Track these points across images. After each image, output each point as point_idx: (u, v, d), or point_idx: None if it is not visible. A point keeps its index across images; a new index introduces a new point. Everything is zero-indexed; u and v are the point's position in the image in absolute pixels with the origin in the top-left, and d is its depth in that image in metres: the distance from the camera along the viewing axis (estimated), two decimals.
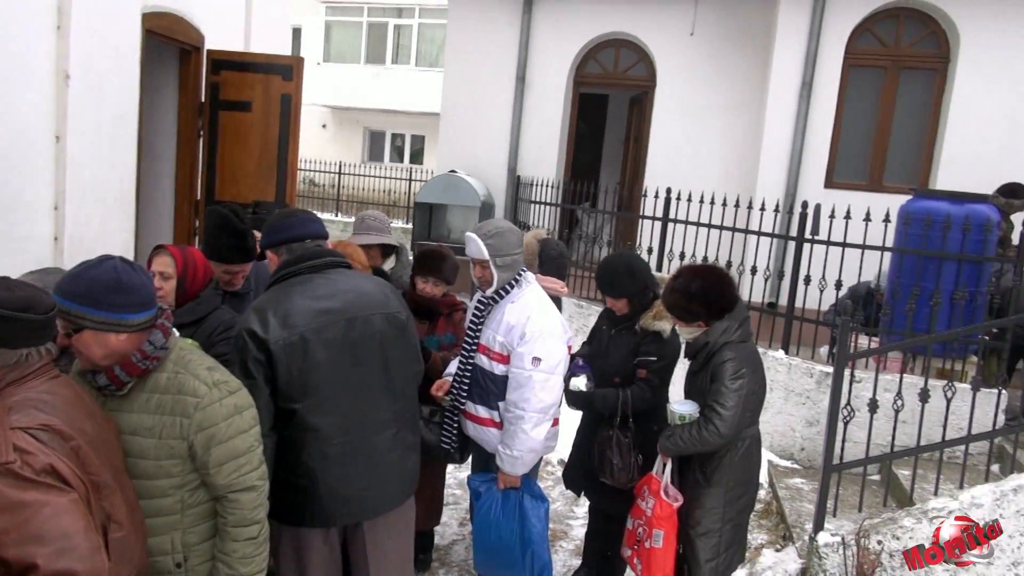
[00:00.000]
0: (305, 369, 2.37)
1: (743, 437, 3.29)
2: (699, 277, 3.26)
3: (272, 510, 2.34)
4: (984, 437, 4.23)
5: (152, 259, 2.85)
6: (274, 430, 2.38)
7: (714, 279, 3.28)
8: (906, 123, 7.88)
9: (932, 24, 7.67)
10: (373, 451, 2.53)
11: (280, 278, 2.52)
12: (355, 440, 2.48)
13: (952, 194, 5.41)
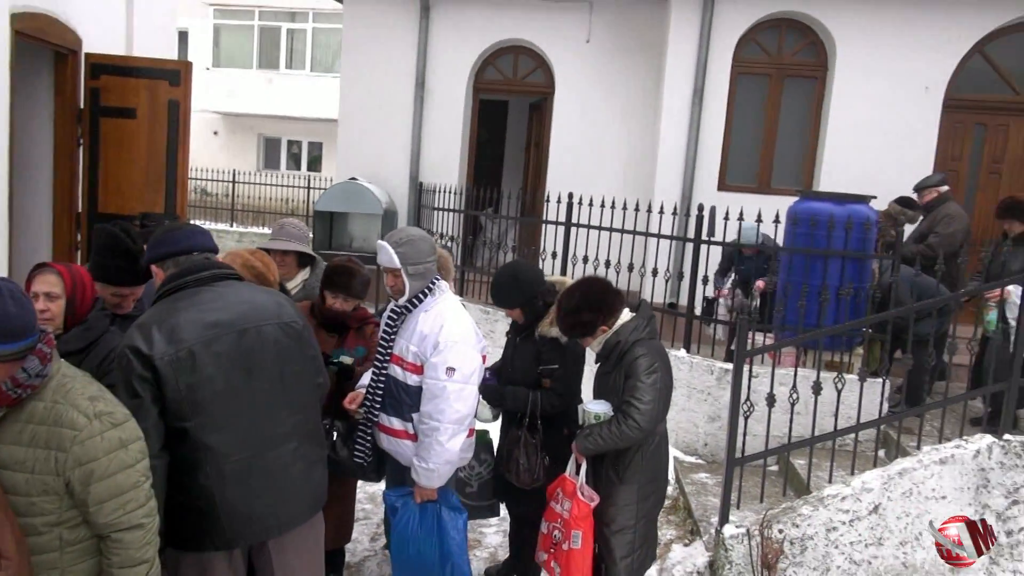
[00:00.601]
0: (195, 385, 2.27)
1: (655, 434, 3.39)
2: (575, 291, 3.38)
3: (170, 537, 2.21)
4: (872, 425, 4.49)
5: (34, 278, 2.66)
6: (165, 451, 2.26)
7: (588, 284, 3.42)
8: (790, 128, 8.29)
9: (811, 35, 8.11)
10: (273, 467, 2.44)
11: (165, 292, 2.41)
12: (253, 456, 2.39)
13: (834, 195, 5.73)
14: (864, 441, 4.86)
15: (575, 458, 3.44)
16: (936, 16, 7.67)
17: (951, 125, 7.95)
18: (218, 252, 2.64)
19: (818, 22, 7.95)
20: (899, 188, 7.25)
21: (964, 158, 8.11)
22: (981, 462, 4.15)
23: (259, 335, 2.43)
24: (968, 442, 4.21)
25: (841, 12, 7.84)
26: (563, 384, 3.63)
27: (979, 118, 8.04)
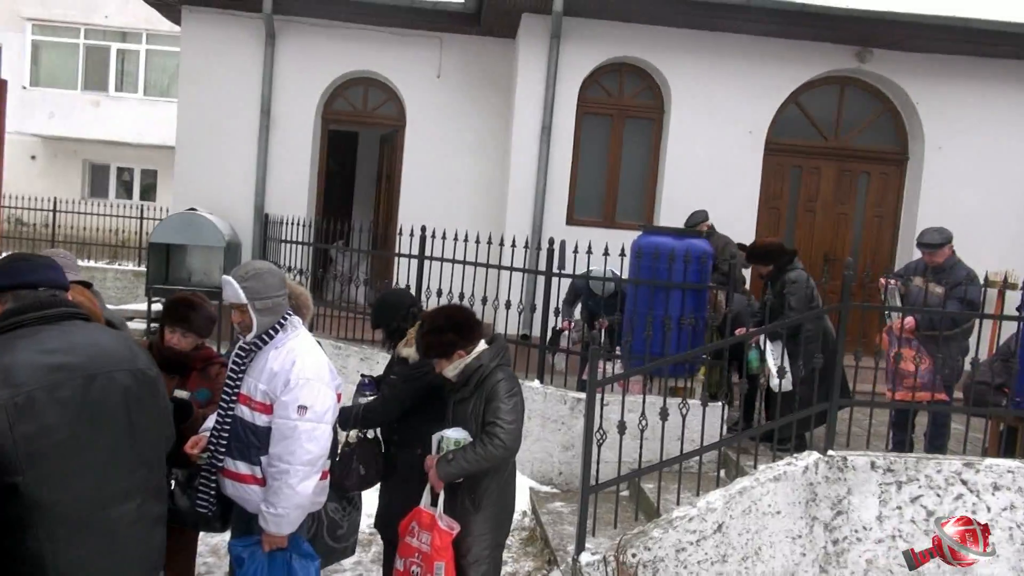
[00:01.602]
0: (32, 435, 2.00)
1: (514, 456, 3.48)
2: (441, 313, 3.55)
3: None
4: (714, 447, 4.73)
5: None
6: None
7: (455, 309, 3.67)
8: (632, 166, 8.74)
9: (649, 79, 8.62)
10: (114, 527, 2.19)
11: (1, 330, 2.14)
12: (92, 516, 2.14)
13: (674, 230, 6.07)
14: (708, 463, 5.11)
15: (431, 488, 3.43)
16: (758, 67, 8.39)
17: (772, 167, 8.68)
18: (68, 289, 2.37)
19: (655, 68, 8.47)
20: (731, 223, 7.80)
21: (784, 197, 8.87)
22: (810, 477, 4.47)
23: (109, 382, 2.19)
24: (798, 459, 4.53)
25: (675, 60, 8.40)
26: (390, 392, 3.75)
27: (795, 161, 8.84)
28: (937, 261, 5.49)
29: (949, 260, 5.49)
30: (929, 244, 5.49)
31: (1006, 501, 4.58)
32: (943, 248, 5.48)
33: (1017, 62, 8.44)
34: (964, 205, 8.38)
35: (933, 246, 5.47)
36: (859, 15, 7.71)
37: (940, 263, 5.47)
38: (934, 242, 5.47)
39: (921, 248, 5.60)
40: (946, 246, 5.50)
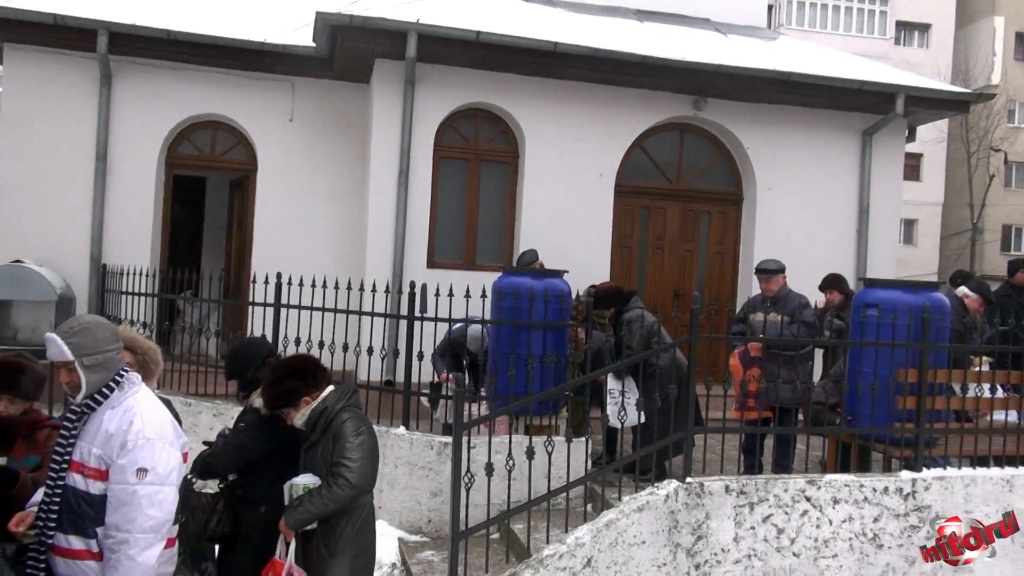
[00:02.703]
0: None
1: (362, 505, 3.44)
2: (281, 364, 3.57)
3: None
4: (580, 482, 4.81)
5: None
6: None
7: (294, 357, 3.67)
8: (490, 209, 8.89)
9: (503, 124, 8.85)
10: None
11: None
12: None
13: (533, 271, 6.20)
14: (575, 498, 5.19)
15: (283, 537, 3.37)
16: (605, 114, 8.82)
17: (622, 208, 9.10)
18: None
19: (508, 114, 8.71)
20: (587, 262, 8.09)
21: (634, 236, 9.31)
22: (671, 505, 4.64)
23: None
24: (659, 488, 4.69)
25: (527, 106, 8.68)
26: (232, 438, 3.71)
27: (643, 202, 9.32)
28: (772, 289, 6.00)
29: (783, 290, 6.01)
30: (766, 270, 6.07)
31: (845, 514, 4.94)
32: (778, 276, 6.02)
33: (832, 111, 9.35)
34: (792, 239, 9.12)
35: (769, 272, 6.04)
36: (694, 67, 8.32)
37: (775, 291, 5.97)
38: (770, 268, 6.06)
39: (758, 275, 6.13)
40: (780, 274, 6.04)
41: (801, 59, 9.37)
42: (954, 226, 30.61)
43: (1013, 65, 31.19)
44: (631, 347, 5.58)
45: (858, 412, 5.28)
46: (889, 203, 9.67)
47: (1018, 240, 31.66)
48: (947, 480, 5.12)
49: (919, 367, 5.08)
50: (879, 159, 9.53)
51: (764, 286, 6.11)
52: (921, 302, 5.17)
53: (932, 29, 30.91)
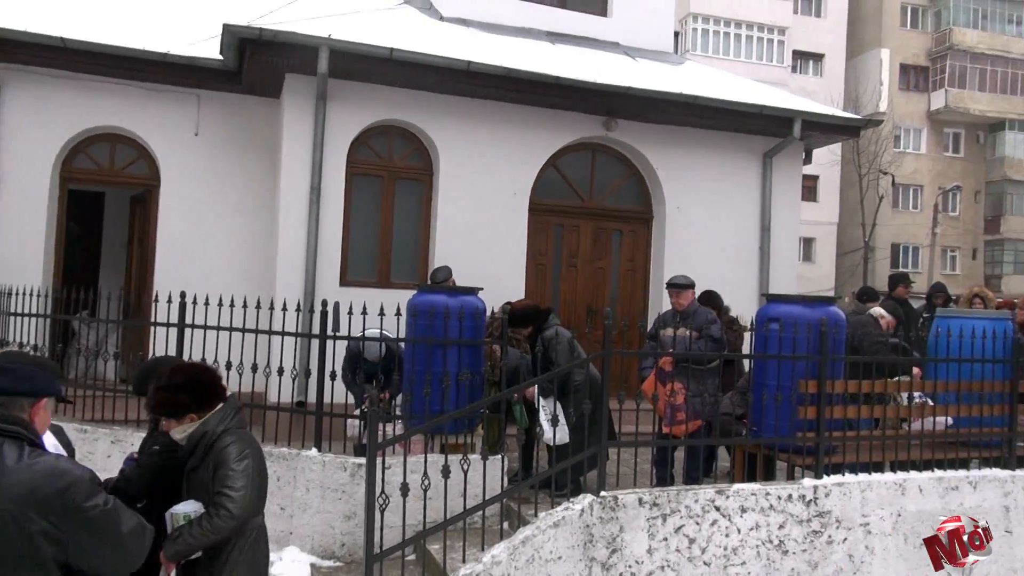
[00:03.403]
0: None
1: (251, 528, 3.24)
2: (181, 371, 3.30)
3: None
4: (496, 500, 4.80)
5: None
6: None
7: (197, 370, 3.38)
8: (405, 226, 8.82)
9: (417, 142, 8.82)
10: None
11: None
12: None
13: (448, 289, 6.18)
14: (491, 516, 5.18)
15: (164, 568, 3.15)
16: (519, 133, 8.92)
17: (536, 225, 9.20)
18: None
19: (422, 131, 8.69)
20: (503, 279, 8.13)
21: (548, 254, 9.42)
22: (586, 519, 4.68)
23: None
24: (574, 503, 4.73)
25: (441, 124, 8.69)
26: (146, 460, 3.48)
27: (557, 220, 9.45)
28: (682, 303, 6.21)
29: (692, 305, 6.22)
30: (676, 285, 6.32)
31: (752, 522, 5.10)
32: (688, 291, 6.25)
33: (735, 134, 9.74)
34: (700, 257, 9.42)
35: (680, 286, 6.29)
36: (604, 89, 8.52)
37: (685, 306, 6.16)
38: (680, 283, 6.32)
39: (669, 289, 6.33)
40: (690, 290, 6.26)
41: (706, 83, 9.74)
42: (848, 244, 32.35)
43: (898, 94, 33.38)
44: (559, 364, 5.63)
45: (763, 423, 5.48)
46: (789, 222, 10.13)
47: (906, 257, 33.70)
48: (846, 486, 5.37)
49: (818, 378, 5.32)
50: (779, 180, 9.98)
51: (674, 300, 6.31)
52: (819, 316, 5.43)
53: (825, 59, 32.75)
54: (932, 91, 33.96)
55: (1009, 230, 34.47)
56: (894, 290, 8.78)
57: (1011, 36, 34.01)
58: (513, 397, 5.81)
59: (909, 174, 33.24)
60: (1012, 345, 5.96)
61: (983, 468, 5.96)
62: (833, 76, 32.52)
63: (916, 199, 34.12)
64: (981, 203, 35.23)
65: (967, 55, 33.32)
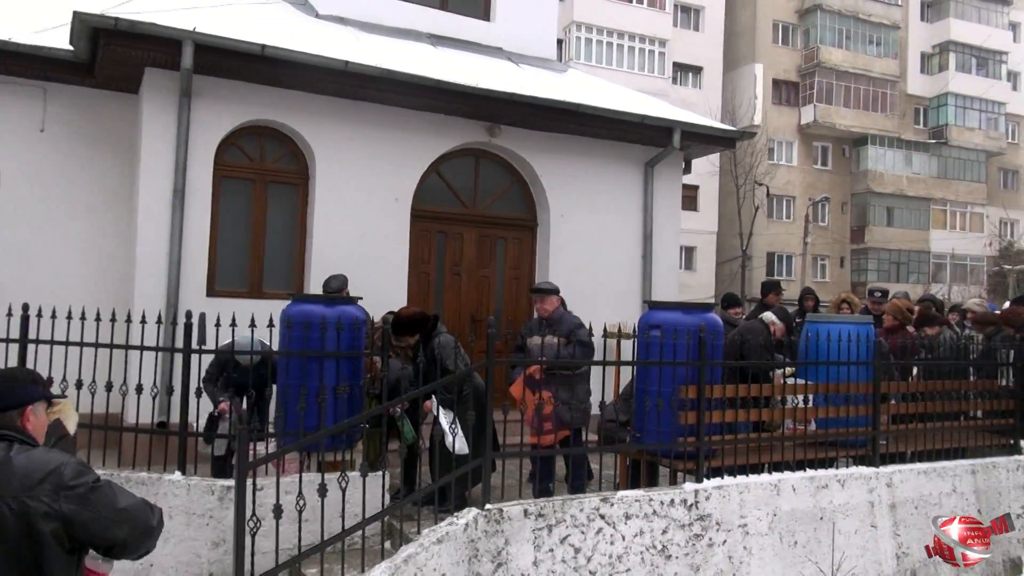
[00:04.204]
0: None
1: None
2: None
3: None
4: (377, 518, 4.73)
5: None
6: None
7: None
8: (278, 233, 8.57)
9: (291, 143, 8.60)
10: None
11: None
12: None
13: (325, 298, 6.06)
14: (373, 536, 5.09)
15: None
16: (401, 137, 8.86)
17: (419, 233, 9.16)
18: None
19: (297, 133, 8.49)
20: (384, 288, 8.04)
21: (431, 261, 9.40)
22: (470, 534, 4.69)
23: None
24: (458, 517, 4.73)
25: (318, 126, 8.51)
26: None
27: (440, 227, 9.45)
28: (547, 309, 6.28)
29: (558, 312, 6.30)
30: (539, 290, 6.38)
31: (636, 528, 5.26)
32: (552, 296, 6.31)
33: (618, 143, 10.07)
34: (585, 266, 9.67)
35: (543, 292, 6.33)
36: (487, 94, 8.61)
37: (550, 312, 6.24)
38: (544, 288, 6.38)
39: (533, 295, 6.39)
40: (554, 295, 6.33)
41: (589, 92, 10.03)
42: (727, 253, 34.07)
43: (771, 108, 35.51)
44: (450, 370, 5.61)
45: (645, 429, 5.67)
46: (670, 230, 10.55)
47: (780, 265, 35.84)
48: (725, 489, 5.63)
49: (697, 383, 5.56)
50: (660, 189, 10.39)
51: (539, 307, 6.38)
52: (697, 322, 5.68)
53: (704, 72, 34.42)
54: (802, 106, 36.34)
55: (873, 240, 37.30)
56: (766, 297, 9.30)
57: (872, 56, 36.91)
58: (397, 410, 5.78)
59: (782, 185, 35.41)
60: (874, 348, 6.43)
61: (851, 467, 6.40)
62: (711, 89, 34.22)
63: (789, 209, 36.35)
64: (848, 214, 37.95)
65: (833, 72, 35.88)
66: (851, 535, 6.05)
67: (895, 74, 37.39)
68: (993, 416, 7.14)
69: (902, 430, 6.70)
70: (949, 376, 6.96)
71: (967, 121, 38.77)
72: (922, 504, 6.49)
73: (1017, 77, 41.15)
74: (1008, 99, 39.82)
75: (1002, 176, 41.49)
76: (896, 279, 35.66)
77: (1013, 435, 7.22)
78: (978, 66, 39.28)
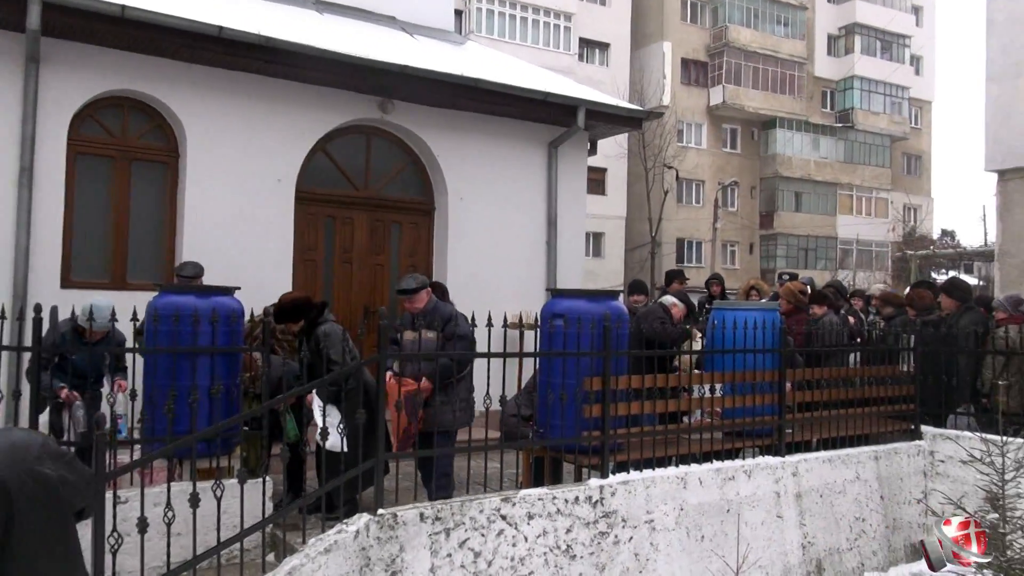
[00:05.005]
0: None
1: None
2: None
3: None
4: (256, 528, 4.60)
5: None
6: None
7: None
8: (145, 217, 8.21)
9: (158, 118, 8.24)
10: None
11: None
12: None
13: (197, 288, 5.83)
14: (254, 548, 4.95)
15: None
16: (283, 112, 8.63)
17: (305, 217, 8.96)
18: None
19: (165, 106, 8.13)
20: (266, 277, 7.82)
21: (319, 248, 9.21)
22: (362, 541, 4.62)
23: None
24: (348, 524, 4.65)
25: (189, 98, 8.18)
26: None
27: (328, 211, 9.26)
28: (418, 307, 5.97)
29: (430, 304, 6.03)
30: (404, 291, 6.00)
31: (540, 528, 5.32)
32: (420, 293, 6.01)
33: (520, 121, 10.11)
34: (486, 252, 9.69)
35: (408, 291, 5.98)
36: (378, 66, 8.49)
37: (421, 308, 5.97)
38: (410, 287, 5.99)
39: (400, 296, 6.10)
40: (423, 291, 6.03)
41: (489, 67, 10.03)
42: (636, 239, 34.88)
43: (680, 88, 36.49)
44: (335, 362, 5.49)
45: (549, 423, 5.73)
46: (576, 215, 10.70)
47: (690, 252, 36.98)
48: (631, 484, 5.75)
49: (602, 375, 5.65)
50: (565, 171, 10.51)
51: (409, 307, 6.06)
52: (602, 310, 5.77)
53: (611, 49, 35.00)
54: (711, 87, 37.52)
55: (781, 225, 38.98)
56: (669, 286, 9.57)
57: (780, 37, 38.46)
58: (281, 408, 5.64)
59: (691, 169, 36.50)
60: (780, 335, 6.71)
61: (757, 457, 6.66)
62: (619, 67, 34.84)
63: (698, 194, 37.53)
64: (757, 199, 39.50)
65: (742, 53, 37.18)
66: (758, 527, 6.31)
67: (803, 56, 39.06)
68: (895, 402, 7.56)
69: (807, 418, 7.01)
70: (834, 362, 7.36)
71: (872, 105, 40.95)
72: (827, 492, 6.83)
73: (920, 61, 43.73)
74: (911, 83, 42.28)
75: (906, 161, 44.08)
76: (804, 265, 37.40)
77: (914, 420, 7.68)
78: (882, 49, 41.50)
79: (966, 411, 7.74)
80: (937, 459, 7.52)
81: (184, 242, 8.16)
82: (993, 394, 7.37)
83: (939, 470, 7.49)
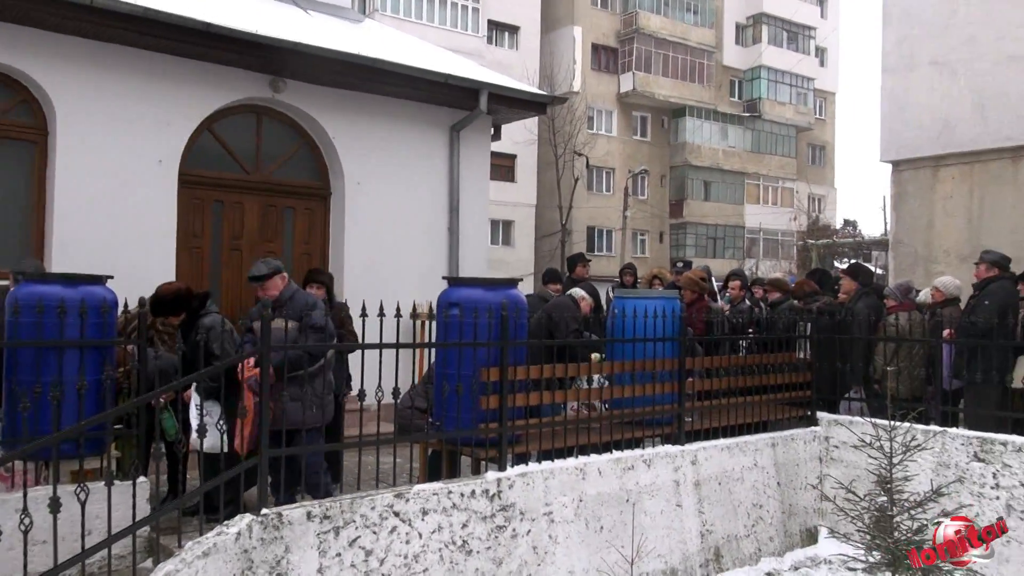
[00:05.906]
0: None
1: None
2: None
3: None
4: (126, 534, 4.42)
5: None
6: None
7: None
8: (9, 200, 7.77)
9: (24, 92, 7.79)
10: None
11: None
12: None
13: (65, 277, 5.54)
14: (125, 555, 4.76)
15: None
16: (166, 89, 8.28)
17: (189, 201, 8.64)
18: None
19: (32, 80, 7.70)
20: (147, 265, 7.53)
21: (206, 234, 8.90)
22: (243, 544, 4.50)
23: None
24: (229, 526, 4.53)
25: (60, 72, 7.76)
26: None
27: (216, 195, 8.96)
28: (272, 294, 5.67)
29: (286, 291, 5.75)
30: (257, 277, 5.72)
31: (435, 524, 5.29)
32: (274, 278, 5.72)
33: (421, 104, 10.01)
34: (385, 239, 9.57)
35: (260, 278, 5.71)
36: (268, 42, 8.24)
37: (276, 296, 5.68)
38: (261, 274, 5.71)
39: (252, 283, 5.83)
40: (276, 276, 5.73)
41: (388, 46, 9.89)
42: (547, 227, 35.15)
43: (591, 74, 36.89)
44: (218, 356, 5.32)
45: (445, 415, 5.70)
46: (479, 201, 10.67)
47: (600, 240, 37.52)
48: (529, 476, 5.79)
49: (500, 365, 5.65)
50: (467, 156, 10.46)
51: (261, 293, 5.75)
52: (500, 299, 5.77)
53: (521, 32, 35.06)
54: (621, 73, 38.07)
55: (691, 214, 39.98)
56: (573, 271, 9.67)
57: (690, 24, 39.31)
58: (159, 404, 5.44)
59: (602, 156, 37.00)
60: (679, 324, 6.86)
61: (657, 446, 6.80)
62: (529, 51, 34.95)
63: (608, 182, 38.08)
64: (667, 187, 40.37)
65: (652, 40, 37.85)
66: (657, 516, 6.44)
67: (712, 44, 40.05)
68: (792, 389, 7.85)
69: (706, 406, 7.20)
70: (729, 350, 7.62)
71: (779, 95, 42.34)
72: (725, 480, 7.03)
73: (824, 53, 45.44)
74: (816, 75, 43.92)
75: (811, 152, 45.82)
76: (713, 254, 38.48)
77: (810, 407, 7.98)
78: (789, 40, 42.94)
79: (858, 396, 8.08)
80: (832, 444, 7.84)
81: (54, 228, 7.75)
82: (883, 380, 7.73)
83: (833, 455, 7.81)
